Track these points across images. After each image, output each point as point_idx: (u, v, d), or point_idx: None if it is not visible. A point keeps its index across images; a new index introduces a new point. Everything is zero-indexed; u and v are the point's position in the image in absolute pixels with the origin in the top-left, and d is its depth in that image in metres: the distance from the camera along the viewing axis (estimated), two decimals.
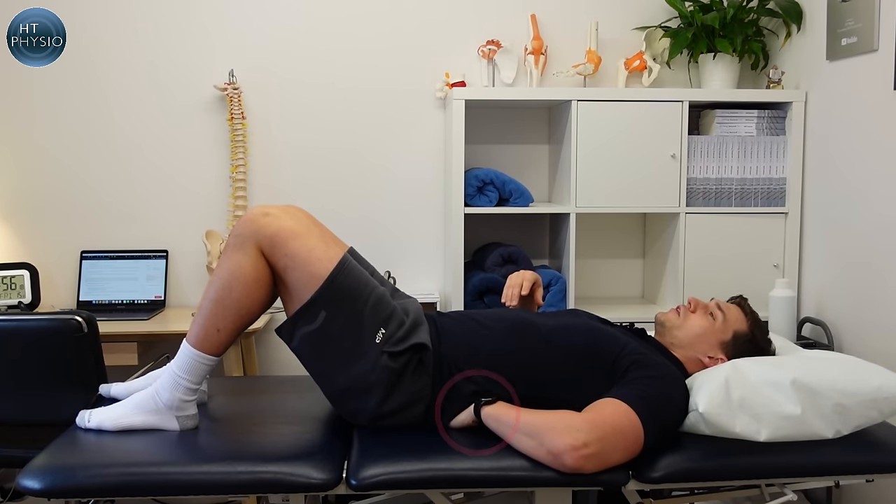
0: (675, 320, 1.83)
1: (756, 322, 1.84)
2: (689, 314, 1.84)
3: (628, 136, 2.68)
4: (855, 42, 2.41)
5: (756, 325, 1.84)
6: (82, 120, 2.92)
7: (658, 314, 1.88)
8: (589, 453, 1.45)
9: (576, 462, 1.44)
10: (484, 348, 1.71)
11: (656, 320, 1.87)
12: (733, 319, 1.82)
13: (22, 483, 1.47)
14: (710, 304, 1.85)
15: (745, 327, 1.82)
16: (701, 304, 1.85)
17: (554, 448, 1.46)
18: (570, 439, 1.45)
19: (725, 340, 1.79)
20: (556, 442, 1.46)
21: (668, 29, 2.91)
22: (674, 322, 1.83)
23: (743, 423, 1.57)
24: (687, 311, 1.84)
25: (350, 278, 1.65)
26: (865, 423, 1.63)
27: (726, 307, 1.84)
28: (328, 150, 2.96)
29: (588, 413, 1.52)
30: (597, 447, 1.45)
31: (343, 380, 1.66)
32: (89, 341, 2.01)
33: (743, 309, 1.85)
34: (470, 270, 2.79)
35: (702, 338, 1.79)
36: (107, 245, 2.94)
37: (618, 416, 1.50)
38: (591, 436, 1.46)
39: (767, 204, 2.73)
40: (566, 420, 1.50)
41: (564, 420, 1.50)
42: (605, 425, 1.48)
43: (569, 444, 1.44)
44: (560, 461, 1.45)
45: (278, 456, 1.55)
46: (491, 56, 2.89)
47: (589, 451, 1.45)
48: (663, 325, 1.84)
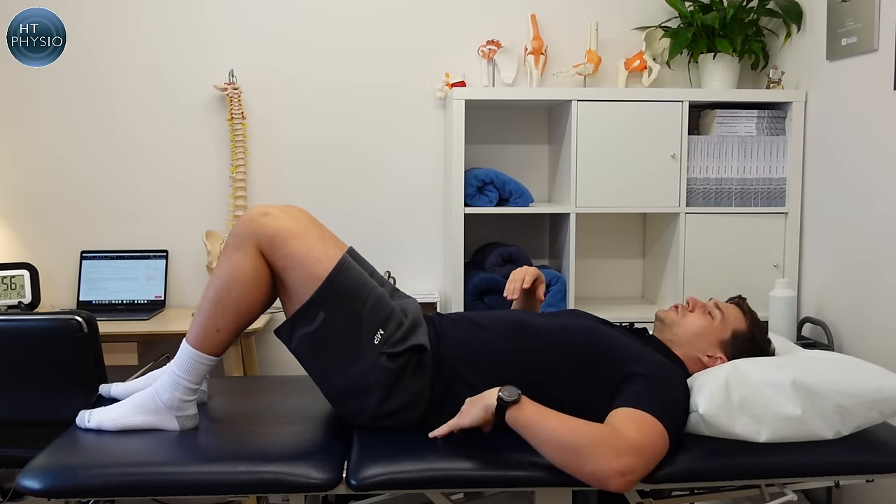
0: (673, 317, 1.83)
1: (755, 321, 1.84)
2: (688, 313, 1.83)
3: (628, 136, 2.68)
4: (855, 42, 2.41)
5: (755, 325, 1.83)
6: (82, 120, 2.92)
7: (658, 311, 1.88)
8: (633, 479, 1.44)
9: (619, 487, 1.43)
10: (483, 349, 1.70)
11: (656, 316, 1.87)
12: (732, 318, 1.81)
13: (22, 483, 1.47)
14: (708, 304, 1.84)
15: (744, 326, 1.81)
16: (699, 304, 1.85)
17: (601, 471, 1.42)
18: (618, 465, 1.42)
19: (724, 339, 1.79)
20: (602, 465, 1.42)
21: (668, 29, 2.91)
22: (673, 319, 1.83)
23: (743, 424, 1.57)
24: (685, 310, 1.84)
25: (349, 279, 1.65)
26: (866, 423, 1.63)
27: (725, 307, 1.84)
28: (328, 150, 2.96)
29: (630, 432, 1.47)
30: (641, 472, 1.45)
31: (342, 380, 1.66)
32: (89, 341, 2.01)
33: (741, 308, 1.84)
34: (470, 270, 2.79)
35: (700, 336, 1.79)
36: (107, 245, 2.94)
37: (656, 437, 1.49)
38: (639, 462, 1.44)
39: (767, 204, 2.73)
40: (613, 441, 1.44)
41: (611, 441, 1.44)
42: (649, 449, 1.47)
43: (616, 471, 1.41)
44: (603, 483, 1.43)
45: (278, 456, 1.55)
46: (491, 56, 2.89)
47: (635, 476, 1.44)
48: (663, 321, 1.84)
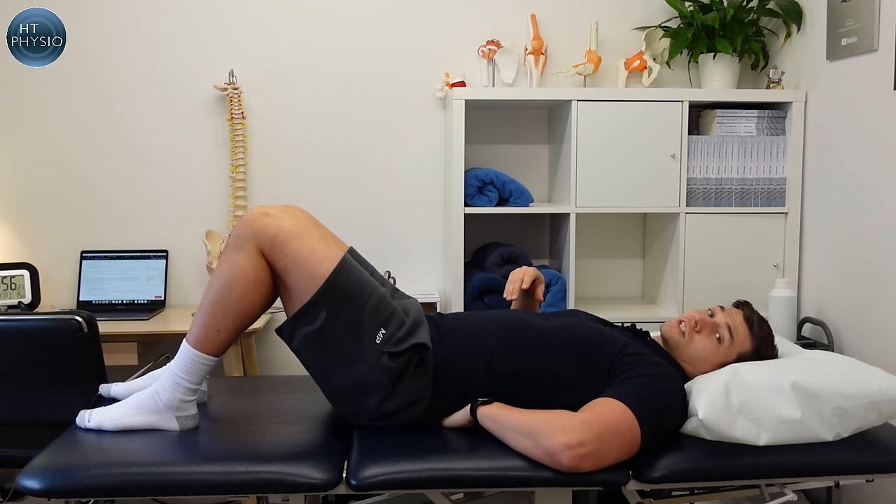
0: (679, 340, 1.77)
1: (762, 340, 1.78)
2: (695, 334, 1.77)
3: (628, 136, 2.68)
4: (855, 42, 2.41)
5: (762, 343, 1.78)
6: (82, 120, 2.92)
7: (663, 327, 1.81)
8: (584, 452, 1.45)
9: (572, 461, 1.45)
10: (483, 349, 1.70)
11: (661, 332, 1.82)
12: (739, 342, 1.75)
13: (22, 483, 1.47)
14: (718, 324, 1.76)
15: (749, 348, 1.76)
16: (707, 324, 1.77)
17: (550, 447, 1.46)
18: (566, 438, 1.45)
19: (727, 363, 1.74)
20: (551, 441, 1.46)
21: (668, 29, 2.90)
22: (678, 342, 1.77)
23: (743, 428, 1.57)
24: (692, 331, 1.77)
25: (350, 279, 1.65)
26: (865, 425, 1.63)
27: (734, 327, 1.76)
28: (328, 150, 2.96)
29: (584, 412, 1.52)
30: (593, 446, 1.46)
31: (343, 380, 1.66)
32: (89, 341, 2.01)
33: (751, 330, 1.77)
34: (470, 270, 2.79)
35: (705, 361, 1.75)
36: (107, 245, 2.94)
37: (614, 415, 1.50)
38: (587, 435, 1.46)
39: (767, 204, 2.73)
40: (562, 419, 1.50)
41: (560, 419, 1.50)
42: (600, 424, 1.48)
43: (564, 444, 1.45)
44: (556, 460, 1.46)
45: (278, 456, 1.55)
46: (491, 56, 2.89)
47: (584, 450, 1.45)
48: (667, 341, 1.80)
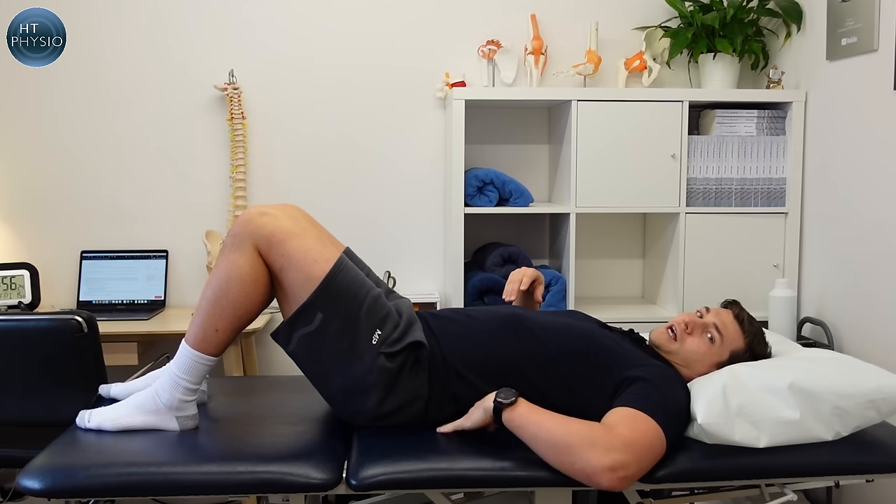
0: (670, 346, 1.77)
1: (753, 334, 1.78)
2: (686, 336, 1.77)
3: (628, 137, 2.68)
4: (855, 42, 2.41)
5: (753, 338, 1.78)
6: (82, 120, 2.92)
7: (652, 336, 1.82)
8: (626, 475, 1.43)
9: (611, 483, 1.42)
10: (478, 344, 1.70)
11: (651, 340, 1.82)
12: (730, 340, 1.76)
13: (22, 483, 1.47)
14: (708, 324, 1.77)
15: (742, 345, 1.77)
16: (698, 325, 1.77)
17: (590, 467, 1.42)
18: (609, 461, 1.41)
19: (721, 361, 1.74)
20: (592, 462, 1.42)
21: (668, 29, 2.90)
22: (670, 347, 1.77)
23: (742, 431, 1.56)
24: (683, 333, 1.77)
25: (346, 279, 1.65)
26: (864, 423, 1.63)
27: (724, 325, 1.76)
28: (328, 150, 2.96)
29: (621, 429, 1.47)
30: (634, 469, 1.44)
31: (341, 381, 1.66)
32: (89, 341, 2.01)
33: (741, 325, 1.78)
34: (470, 270, 2.79)
35: (699, 362, 1.75)
36: (107, 245, 2.94)
37: (650, 435, 1.48)
38: (630, 458, 1.43)
39: (767, 204, 2.73)
40: (601, 437, 1.45)
41: (602, 438, 1.45)
42: (641, 447, 1.46)
43: (607, 466, 1.41)
44: (594, 480, 1.43)
45: (278, 456, 1.55)
46: (491, 56, 2.89)
47: (626, 472, 1.43)
48: (659, 347, 1.80)
